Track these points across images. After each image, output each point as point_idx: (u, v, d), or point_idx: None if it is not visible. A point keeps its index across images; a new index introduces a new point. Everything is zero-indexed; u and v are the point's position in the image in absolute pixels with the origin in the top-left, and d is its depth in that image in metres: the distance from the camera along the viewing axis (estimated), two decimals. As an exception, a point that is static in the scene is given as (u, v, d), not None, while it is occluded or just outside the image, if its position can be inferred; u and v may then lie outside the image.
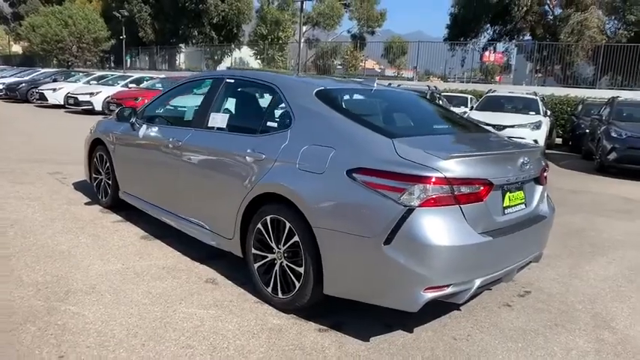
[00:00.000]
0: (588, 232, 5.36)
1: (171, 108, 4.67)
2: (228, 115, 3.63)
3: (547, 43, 23.04)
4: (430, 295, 2.48)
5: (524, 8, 23.72)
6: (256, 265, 3.20)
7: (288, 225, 2.93)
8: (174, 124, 4.26)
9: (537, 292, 3.59)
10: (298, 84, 3.42)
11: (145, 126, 4.37)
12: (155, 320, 2.83)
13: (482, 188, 2.59)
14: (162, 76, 19.02)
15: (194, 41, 36.23)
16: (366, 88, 3.61)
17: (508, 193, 2.85)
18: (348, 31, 32.36)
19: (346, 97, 3.34)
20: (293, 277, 2.93)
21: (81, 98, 15.91)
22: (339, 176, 2.67)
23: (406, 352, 2.65)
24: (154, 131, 4.29)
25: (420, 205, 2.42)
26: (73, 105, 16.19)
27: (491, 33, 26.74)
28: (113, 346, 2.53)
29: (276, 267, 3.05)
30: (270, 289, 3.10)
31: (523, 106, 12.30)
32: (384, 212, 2.47)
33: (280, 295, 3.02)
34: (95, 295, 3.10)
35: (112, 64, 41.91)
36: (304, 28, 34.42)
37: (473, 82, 25.43)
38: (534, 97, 12.69)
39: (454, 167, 2.50)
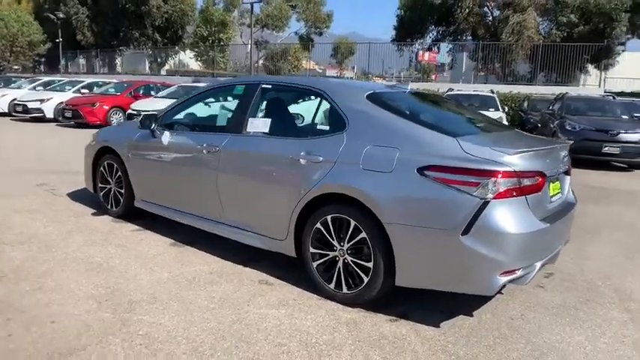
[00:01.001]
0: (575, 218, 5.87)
1: (197, 114, 4.64)
2: (270, 120, 3.70)
3: (488, 42, 24.40)
4: (504, 279, 2.72)
5: (467, 10, 25.00)
6: (315, 264, 3.31)
7: (353, 223, 3.07)
8: (204, 130, 4.25)
9: (559, 274, 3.95)
10: (346, 88, 3.55)
11: (167, 133, 4.32)
12: (234, 323, 2.88)
13: (540, 179, 2.87)
14: (116, 80, 18.29)
15: (136, 43, 34.97)
16: (404, 91, 3.80)
17: (551, 184, 3.16)
18: (296, 33, 32.61)
19: (395, 99, 3.52)
20: (360, 272, 3.08)
21: (30, 105, 14.99)
22: (409, 174, 2.85)
23: (478, 333, 2.88)
24: (181, 138, 4.26)
25: (494, 198, 2.66)
26: (21, 113, 15.22)
27: (436, 34, 27.91)
28: (209, 351, 2.57)
29: (339, 264, 3.19)
30: (332, 286, 3.22)
31: (481, 103, 13.06)
32: (461, 205, 2.68)
33: (345, 290, 3.16)
34: (160, 304, 3.09)
35: (45, 69, 39.58)
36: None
37: (411, 81, 26.56)
38: (492, 94, 13.48)
39: (519, 162, 2.76)
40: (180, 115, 4.50)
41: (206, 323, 2.87)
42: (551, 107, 12.85)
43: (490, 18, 26.68)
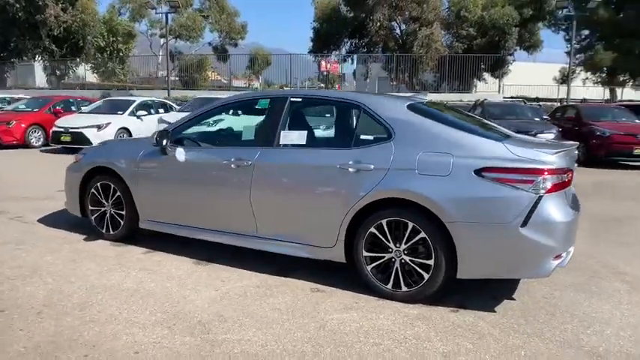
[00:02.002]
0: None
1: (214, 129, 4.54)
2: (305, 132, 3.80)
3: (400, 54, 26.03)
4: (555, 262, 3.12)
5: (378, 23, 26.43)
6: (369, 267, 3.48)
7: (410, 225, 3.29)
8: (226, 145, 4.21)
9: (556, 257, 4.51)
10: (385, 101, 3.76)
11: (181, 149, 4.21)
12: (318, 330, 2.95)
13: (570, 175, 3.32)
14: (29, 96, 16.65)
15: (30, 55, 31.98)
16: (423, 101, 4.09)
17: (568, 179, 3.64)
18: (210, 44, 31.98)
19: (429, 109, 3.81)
20: (420, 270, 3.31)
21: None
22: (467, 176, 3.15)
23: (530, 313, 3.25)
24: (199, 154, 4.18)
25: (546, 192, 3.04)
26: None
27: (349, 46, 29.13)
28: (316, 359, 2.63)
29: (396, 264, 3.39)
30: (390, 286, 3.41)
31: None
32: (518, 201, 3.04)
33: (405, 288, 3.37)
34: (233, 321, 3.06)
35: None
36: (162, 41, 32.99)
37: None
38: None
39: (557, 160, 3.17)
40: (195, 131, 4.40)
41: (292, 334, 2.91)
42: (472, 112, 14.11)
43: (398, 31, 28.47)
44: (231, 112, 4.60)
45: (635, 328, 3.07)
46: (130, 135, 12.43)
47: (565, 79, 32.73)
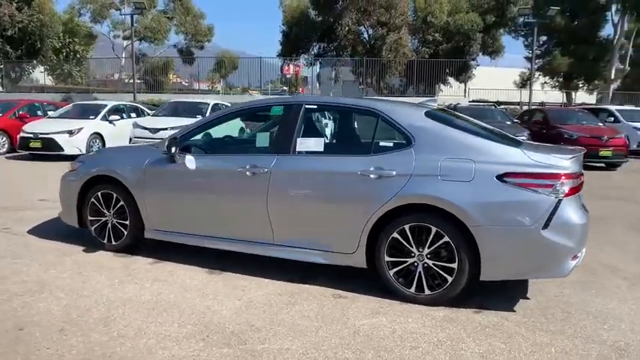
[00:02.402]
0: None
1: (224, 136, 4.47)
2: (322, 140, 3.82)
3: (368, 58, 26.34)
4: (573, 262, 3.27)
5: (346, 28, 26.68)
6: (392, 272, 3.53)
7: (434, 229, 3.38)
8: (238, 152, 4.17)
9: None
10: (402, 108, 3.83)
11: (191, 157, 4.14)
12: (354, 336, 2.98)
13: (582, 179, 3.49)
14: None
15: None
16: (431, 108, 4.17)
17: (575, 182, 3.82)
18: (175, 46, 31.31)
19: (444, 115, 3.90)
20: (443, 273, 3.39)
21: None
22: (489, 181, 3.26)
23: (548, 311, 3.39)
24: (211, 161, 4.14)
25: (565, 196, 3.19)
26: None
27: (318, 50, 29.23)
28: (360, 364, 2.66)
29: (419, 268, 3.46)
30: (413, 290, 3.48)
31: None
32: (539, 204, 3.17)
33: (427, 292, 3.44)
34: (267, 331, 3.04)
35: None
36: (125, 43, 32.09)
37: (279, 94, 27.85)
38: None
39: (572, 165, 3.33)
40: (204, 138, 4.34)
41: (329, 340, 2.92)
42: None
43: (366, 36, 28.83)
44: (249, 119, 4.57)
45: (647, 323, 3.27)
46: (103, 141, 12.06)
47: (525, 83, 34.08)
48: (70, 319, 3.16)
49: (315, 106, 3.99)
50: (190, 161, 4.13)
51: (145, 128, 11.30)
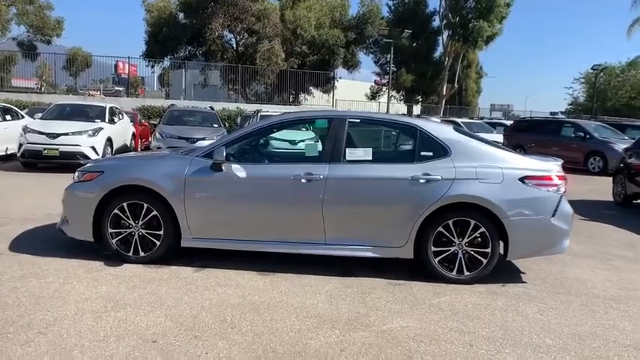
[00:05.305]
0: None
1: (269, 146, 4.63)
2: (371, 149, 4.39)
3: (243, 66, 26.62)
4: (567, 241, 4.42)
5: (216, 33, 26.59)
6: (437, 259, 4.29)
7: (472, 222, 4.23)
8: (287, 161, 4.46)
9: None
10: (435, 124, 4.58)
11: (237, 165, 4.32)
12: (442, 311, 3.65)
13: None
14: None
15: None
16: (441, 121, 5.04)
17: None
18: (14, 39, 27.03)
19: (466, 130, 4.76)
20: (479, 257, 4.26)
21: None
22: (514, 183, 4.23)
23: (559, 283, 4.48)
24: (262, 170, 4.38)
25: (563, 193, 4.33)
26: None
27: (187, 53, 28.44)
28: (501, 340, 3.33)
29: (459, 255, 4.28)
30: (454, 273, 4.28)
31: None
32: (550, 200, 4.25)
33: (467, 273, 4.28)
34: (375, 315, 3.52)
35: None
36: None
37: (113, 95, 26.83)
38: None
39: (560, 169, 4.50)
40: (249, 148, 4.51)
41: (429, 316, 3.56)
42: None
43: (234, 43, 29.05)
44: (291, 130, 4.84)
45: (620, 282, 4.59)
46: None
47: (374, 95, 38.05)
48: (163, 333, 3.18)
49: (359, 120, 4.55)
50: (239, 170, 4.32)
51: (42, 133, 10.06)
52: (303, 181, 4.26)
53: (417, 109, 41.69)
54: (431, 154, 4.39)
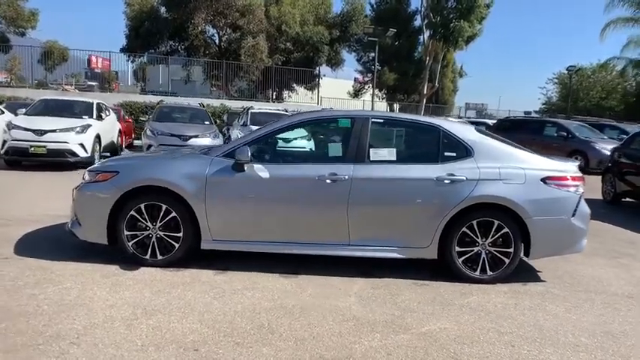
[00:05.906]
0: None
1: (292, 146, 4.53)
2: (395, 150, 4.36)
3: (219, 61, 26.23)
4: (585, 241, 4.49)
5: (199, 28, 26.14)
6: (461, 259, 4.29)
7: (496, 222, 4.25)
8: (309, 161, 4.39)
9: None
10: (457, 124, 4.57)
11: (260, 165, 4.24)
12: (474, 312, 3.66)
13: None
14: None
15: None
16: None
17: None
18: (-17, 30, 25.93)
19: (486, 130, 4.76)
20: (502, 257, 4.29)
21: None
22: (536, 183, 4.27)
23: (575, 281, 4.55)
24: (286, 170, 4.30)
25: (582, 193, 4.39)
26: None
27: (169, 48, 27.86)
28: (539, 334, 3.36)
29: (483, 255, 4.30)
30: (477, 273, 4.30)
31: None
32: (571, 200, 4.31)
33: (490, 272, 4.30)
34: (411, 317, 3.51)
35: None
36: None
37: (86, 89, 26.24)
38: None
39: (578, 170, 4.56)
40: (271, 148, 4.42)
41: (462, 317, 3.56)
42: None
43: (217, 38, 28.62)
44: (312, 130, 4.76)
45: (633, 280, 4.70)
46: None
47: (357, 93, 38.13)
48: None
49: (382, 121, 4.51)
50: (262, 169, 4.23)
51: (28, 130, 9.70)
52: (327, 181, 4.20)
53: (396, 107, 41.97)
54: (454, 154, 4.39)
